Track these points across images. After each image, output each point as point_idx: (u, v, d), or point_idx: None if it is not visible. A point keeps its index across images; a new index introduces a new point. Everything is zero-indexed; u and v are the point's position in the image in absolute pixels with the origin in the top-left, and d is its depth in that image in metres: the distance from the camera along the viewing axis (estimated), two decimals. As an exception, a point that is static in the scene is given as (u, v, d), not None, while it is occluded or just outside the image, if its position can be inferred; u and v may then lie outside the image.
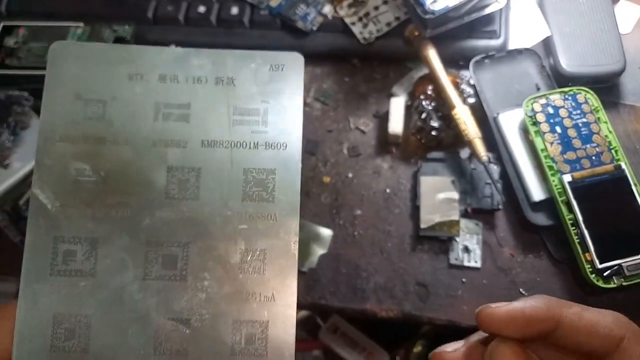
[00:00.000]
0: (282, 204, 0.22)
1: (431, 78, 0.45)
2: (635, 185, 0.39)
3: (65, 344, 0.21)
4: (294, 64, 0.23)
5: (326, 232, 0.43)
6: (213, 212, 0.22)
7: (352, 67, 0.49)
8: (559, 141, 0.41)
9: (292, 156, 0.22)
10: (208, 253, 0.22)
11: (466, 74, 0.46)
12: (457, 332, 0.36)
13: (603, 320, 0.23)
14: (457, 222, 0.41)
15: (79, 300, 0.21)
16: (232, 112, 0.22)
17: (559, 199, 0.40)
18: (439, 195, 0.42)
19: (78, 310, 0.21)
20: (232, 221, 0.22)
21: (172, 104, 0.22)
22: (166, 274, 0.22)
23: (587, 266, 0.38)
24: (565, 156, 0.41)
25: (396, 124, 0.45)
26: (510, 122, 0.43)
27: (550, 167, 0.40)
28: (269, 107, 0.23)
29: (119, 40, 0.47)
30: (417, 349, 0.56)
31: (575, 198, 0.39)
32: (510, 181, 0.42)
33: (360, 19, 0.48)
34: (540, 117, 0.42)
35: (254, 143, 0.22)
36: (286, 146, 0.23)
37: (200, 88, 0.22)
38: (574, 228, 0.39)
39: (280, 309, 0.22)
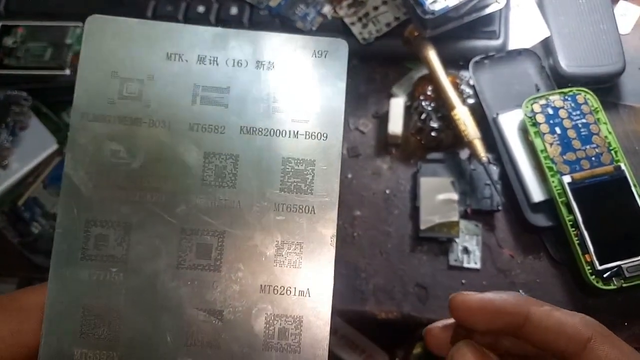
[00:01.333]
0: (320, 196, 0.21)
1: (431, 78, 0.44)
2: (634, 186, 0.39)
3: (95, 331, 0.21)
4: (337, 50, 0.22)
5: (325, 233, 0.43)
6: (250, 201, 0.21)
7: (352, 67, 0.49)
8: (558, 142, 0.41)
9: (332, 147, 0.22)
10: (243, 244, 0.21)
11: (466, 74, 0.46)
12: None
13: (571, 320, 0.23)
14: (456, 223, 0.41)
15: (110, 286, 0.21)
16: (272, 99, 0.21)
17: (559, 200, 0.40)
18: (438, 196, 0.42)
19: (109, 297, 0.21)
20: (269, 212, 0.21)
21: (210, 87, 0.21)
22: (200, 264, 0.21)
23: (586, 267, 0.38)
24: (564, 157, 0.41)
25: (396, 125, 0.45)
26: (509, 123, 0.43)
27: (550, 168, 0.40)
28: (311, 94, 0.22)
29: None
30: (417, 350, 0.56)
31: (575, 199, 0.39)
32: (510, 182, 0.42)
33: (359, 19, 0.47)
34: (540, 118, 0.42)
35: (294, 132, 0.21)
36: (327, 137, 0.22)
37: (241, 72, 0.21)
38: (573, 229, 0.39)
39: (315, 305, 0.21)
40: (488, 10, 0.45)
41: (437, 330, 0.26)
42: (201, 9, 0.49)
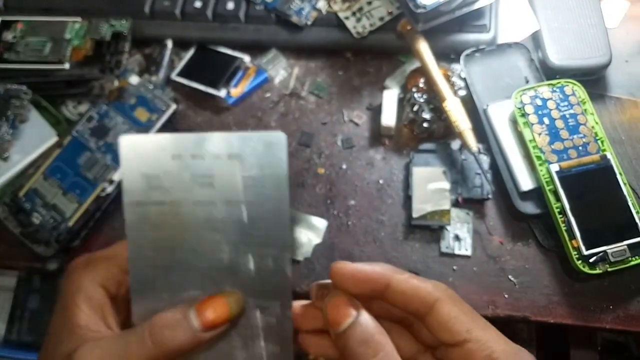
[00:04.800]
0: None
1: (423, 71, 0.46)
2: (620, 174, 0.41)
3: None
4: (279, 141, 0.30)
5: (321, 223, 0.44)
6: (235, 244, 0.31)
7: (346, 60, 0.50)
8: (547, 132, 0.42)
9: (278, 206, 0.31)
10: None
11: (457, 67, 0.47)
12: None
13: (424, 285, 0.28)
14: (448, 212, 0.42)
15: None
16: (241, 179, 0.30)
17: (547, 188, 0.41)
18: (430, 186, 0.43)
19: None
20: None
21: (202, 174, 0.31)
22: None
23: (573, 253, 0.39)
24: (552, 146, 0.42)
25: (389, 117, 0.46)
26: (499, 114, 0.44)
27: (539, 157, 0.42)
28: (265, 174, 0.31)
29: (117, 34, 0.48)
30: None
31: (563, 187, 0.40)
32: (500, 171, 0.43)
33: (353, 14, 0.49)
34: (529, 109, 0.43)
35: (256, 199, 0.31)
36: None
37: (218, 162, 0.30)
38: (561, 216, 0.40)
39: None
40: (478, 5, 0.46)
41: (319, 285, 0.32)
42: (198, 4, 0.50)
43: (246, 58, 0.50)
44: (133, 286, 0.31)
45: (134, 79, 0.47)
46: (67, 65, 0.47)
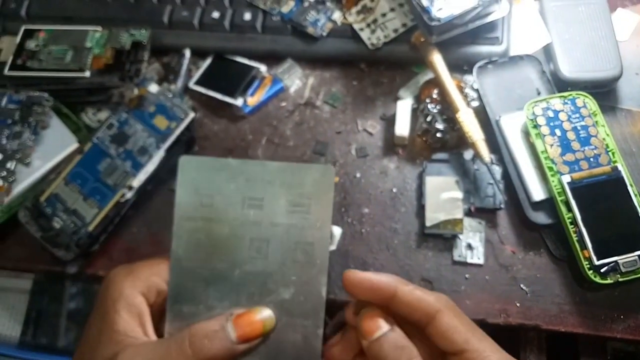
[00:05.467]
0: (312, 269, 0.34)
1: (436, 82, 0.46)
2: (631, 185, 0.41)
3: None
4: (328, 173, 0.34)
5: (336, 230, 0.45)
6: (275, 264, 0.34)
7: (360, 71, 0.51)
8: (558, 143, 0.43)
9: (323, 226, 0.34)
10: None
11: (470, 78, 0.48)
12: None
13: (426, 297, 0.31)
14: (460, 221, 0.43)
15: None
16: (289, 204, 0.33)
17: (559, 199, 0.41)
18: (443, 195, 0.44)
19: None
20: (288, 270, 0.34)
21: (252, 197, 0.33)
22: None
23: (585, 263, 0.40)
24: (564, 158, 0.42)
25: (402, 126, 0.47)
26: (511, 125, 0.45)
27: (550, 168, 0.42)
28: (312, 202, 0.34)
29: (136, 44, 0.49)
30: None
31: (574, 198, 0.41)
32: (512, 181, 0.44)
33: (368, 25, 0.49)
34: (541, 120, 0.43)
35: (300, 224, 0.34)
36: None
37: (270, 186, 0.34)
38: (572, 226, 0.41)
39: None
40: (491, 18, 0.47)
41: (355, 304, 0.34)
42: (216, 14, 0.51)
43: (262, 68, 0.51)
44: (171, 295, 0.32)
45: (153, 88, 0.48)
46: (87, 74, 0.48)
